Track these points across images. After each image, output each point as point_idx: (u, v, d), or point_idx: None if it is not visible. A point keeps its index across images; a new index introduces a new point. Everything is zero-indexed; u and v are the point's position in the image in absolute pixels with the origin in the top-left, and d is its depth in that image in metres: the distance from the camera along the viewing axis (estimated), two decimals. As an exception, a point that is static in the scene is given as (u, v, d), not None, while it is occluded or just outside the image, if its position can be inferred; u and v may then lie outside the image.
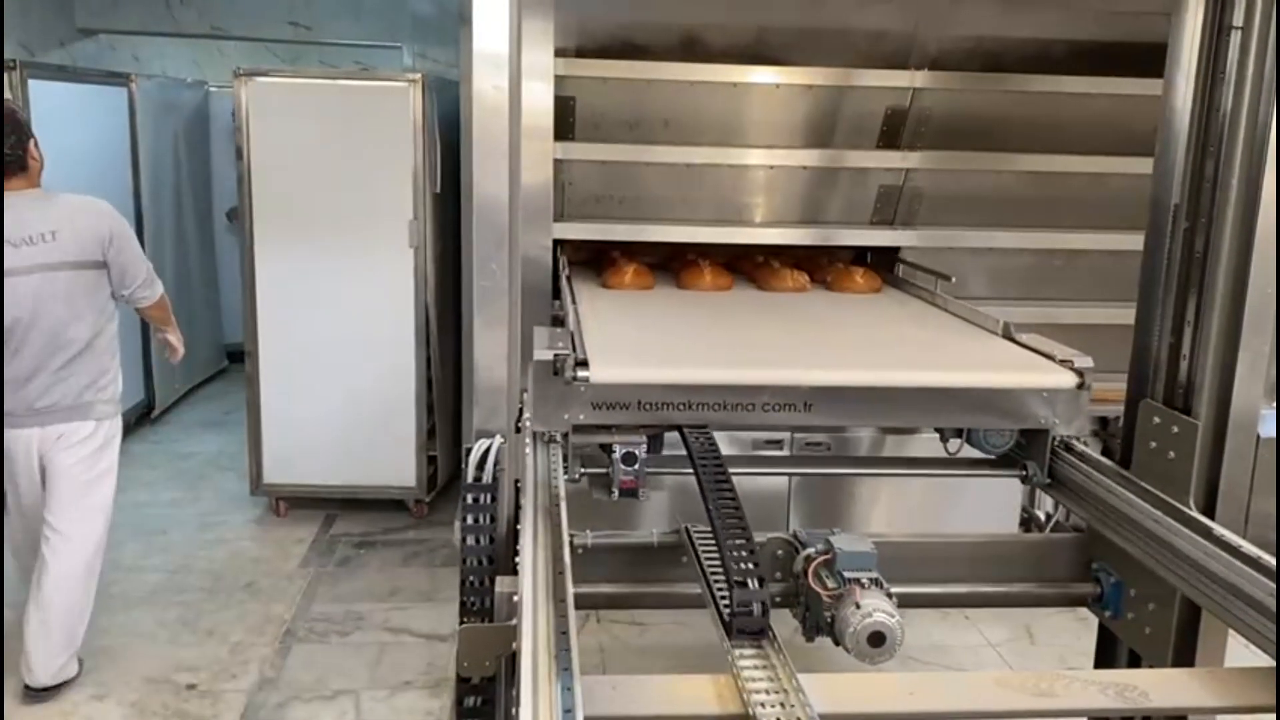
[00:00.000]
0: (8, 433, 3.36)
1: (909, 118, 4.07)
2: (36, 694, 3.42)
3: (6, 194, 3.28)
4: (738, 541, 1.88)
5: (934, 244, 4.19)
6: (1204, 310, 2.58)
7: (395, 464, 4.95)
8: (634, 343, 2.78)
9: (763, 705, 1.62)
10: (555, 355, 2.27)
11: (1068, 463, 2.52)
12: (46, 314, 3.31)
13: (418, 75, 4.65)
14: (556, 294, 3.48)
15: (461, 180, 4.64)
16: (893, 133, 4.13)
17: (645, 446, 2.35)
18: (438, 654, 3.77)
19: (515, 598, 1.85)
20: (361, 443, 4.93)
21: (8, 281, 3.24)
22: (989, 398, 2.47)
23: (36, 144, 3.39)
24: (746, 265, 3.98)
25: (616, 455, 2.31)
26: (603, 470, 2.37)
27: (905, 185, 4.18)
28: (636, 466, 2.32)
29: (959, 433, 2.54)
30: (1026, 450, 2.55)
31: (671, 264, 3.99)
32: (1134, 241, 3.63)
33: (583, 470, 2.38)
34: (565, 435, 2.32)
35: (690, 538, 2.19)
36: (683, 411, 2.33)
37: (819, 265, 4.00)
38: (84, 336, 3.38)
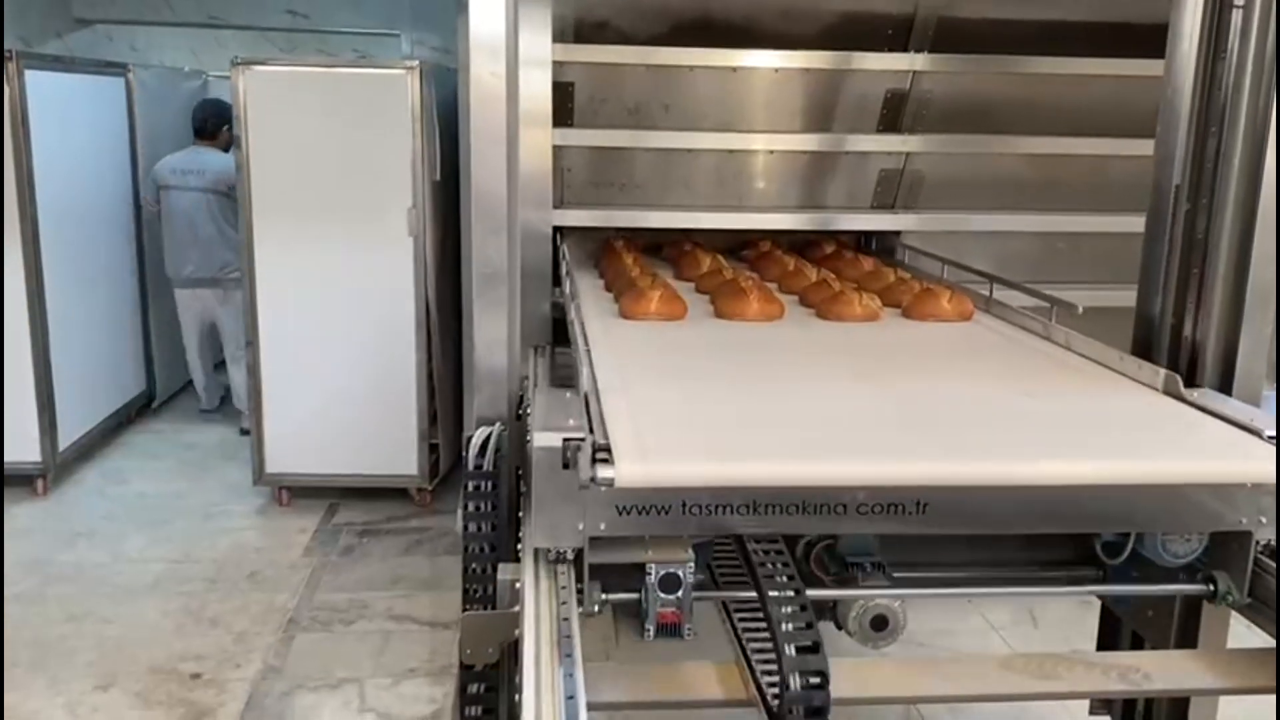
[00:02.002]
0: None
1: (909, 101, 4.04)
2: None
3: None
4: None
5: (935, 228, 4.18)
6: (1206, 291, 2.58)
7: (397, 452, 4.94)
8: (673, 414, 2.01)
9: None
10: (565, 442, 1.71)
11: (1270, 572, 1.98)
12: None
13: (416, 63, 4.62)
14: (557, 281, 3.47)
15: (461, 168, 4.62)
16: (893, 116, 4.10)
17: (692, 566, 1.78)
18: (441, 642, 3.78)
19: (517, 585, 1.85)
20: (363, 431, 4.93)
21: None
22: (1175, 495, 1.84)
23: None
24: (795, 281, 3.37)
25: (652, 578, 1.76)
26: (632, 595, 1.82)
27: (906, 169, 4.16)
28: (680, 593, 1.76)
29: (1125, 536, 2.03)
30: (1214, 557, 2.01)
31: (688, 270, 3.51)
32: (1135, 224, 3.63)
33: (604, 596, 1.83)
34: (579, 552, 1.78)
35: (730, 615, 1.97)
36: (744, 516, 1.75)
37: (883, 282, 3.33)
38: None
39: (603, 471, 1.64)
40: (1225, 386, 2.50)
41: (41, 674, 3.55)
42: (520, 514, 2.14)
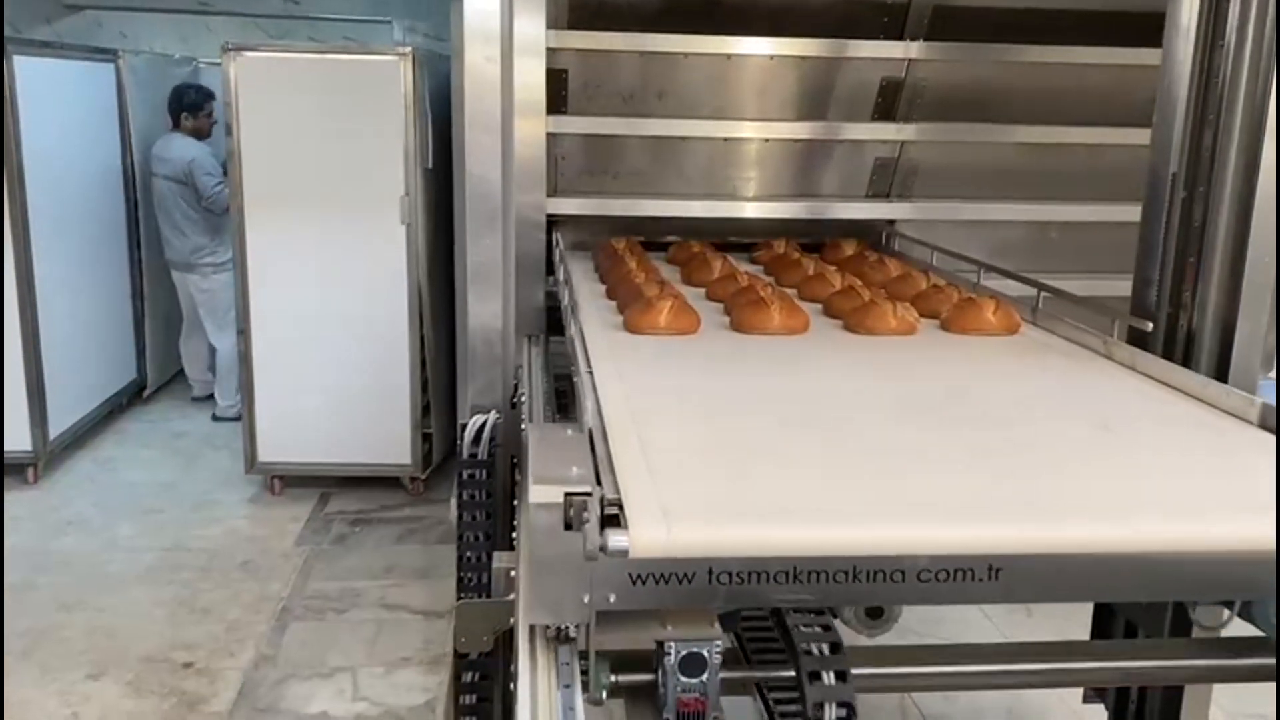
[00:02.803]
0: None
1: (904, 89, 4.02)
2: None
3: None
4: None
5: (930, 217, 4.17)
6: (1202, 280, 2.57)
7: (390, 441, 4.93)
8: (695, 458, 1.71)
9: None
10: (568, 498, 1.41)
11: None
12: None
13: (408, 49, 4.59)
14: (550, 269, 3.45)
15: (454, 156, 4.60)
16: (888, 104, 4.09)
17: (720, 644, 1.51)
18: (435, 630, 3.77)
19: (512, 573, 1.84)
20: (356, 420, 4.92)
21: None
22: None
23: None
24: (817, 287, 3.08)
25: (671, 659, 1.48)
26: (647, 677, 1.55)
27: (901, 157, 4.15)
28: (705, 676, 1.49)
29: (1230, 604, 1.83)
30: None
31: (697, 275, 3.25)
32: (1130, 213, 3.62)
33: (614, 678, 1.57)
34: (585, 628, 1.48)
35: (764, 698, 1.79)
36: (784, 586, 1.46)
37: (913, 288, 3.06)
38: None
39: (615, 539, 1.36)
40: (1221, 375, 2.50)
41: (33, 663, 3.54)
42: (515, 502, 2.13)
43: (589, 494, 1.42)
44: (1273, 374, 3.65)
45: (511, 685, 1.65)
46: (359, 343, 4.86)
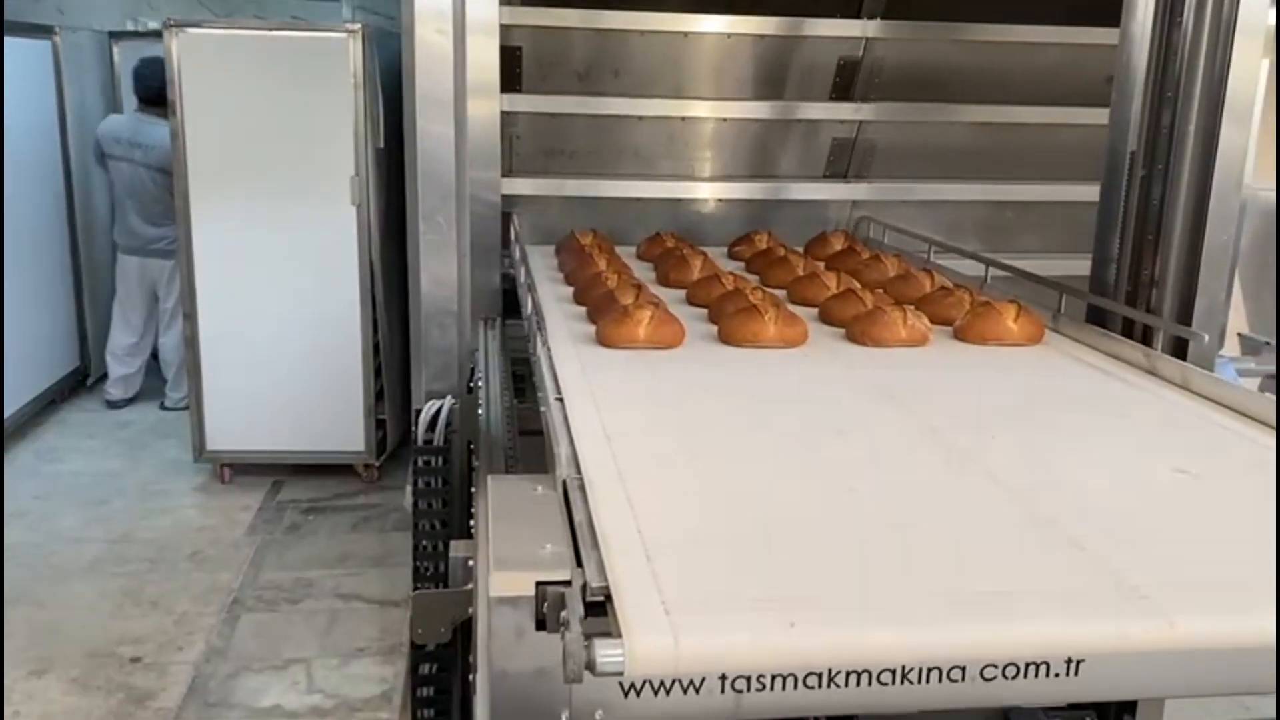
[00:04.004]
0: None
1: (862, 68, 4.00)
2: None
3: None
4: None
5: (889, 197, 4.16)
6: (1161, 258, 2.57)
7: (343, 427, 4.84)
8: (696, 523, 1.41)
9: None
10: (540, 588, 1.16)
11: None
12: None
13: (358, 26, 4.50)
14: (505, 244, 3.38)
15: (405, 135, 4.50)
16: (846, 84, 4.07)
17: None
18: (390, 620, 3.71)
19: (470, 562, 1.79)
20: (308, 406, 4.83)
21: None
22: None
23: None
24: (810, 290, 2.82)
25: None
26: None
27: (859, 137, 4.13)
28: None
29: None
30: None
31: (675, 275, 2.99)
32: (1087, 193, 3.62)
33: None
34: None
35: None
36: (812, 692, 1.18)
37: (916, 291, 2.82)
38: None
39: (606, 655, 1.02)
40: (1180, 353, 2.50)
41: (-28, 660, 3.42)
42: (473, 489, 2.07)
43: (567, 583, 1.15)
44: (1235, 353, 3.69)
45: (470, 677, 1.60)
46: (310, 327, 4.77)
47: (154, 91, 5.32)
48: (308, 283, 4.73)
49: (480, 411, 2.14)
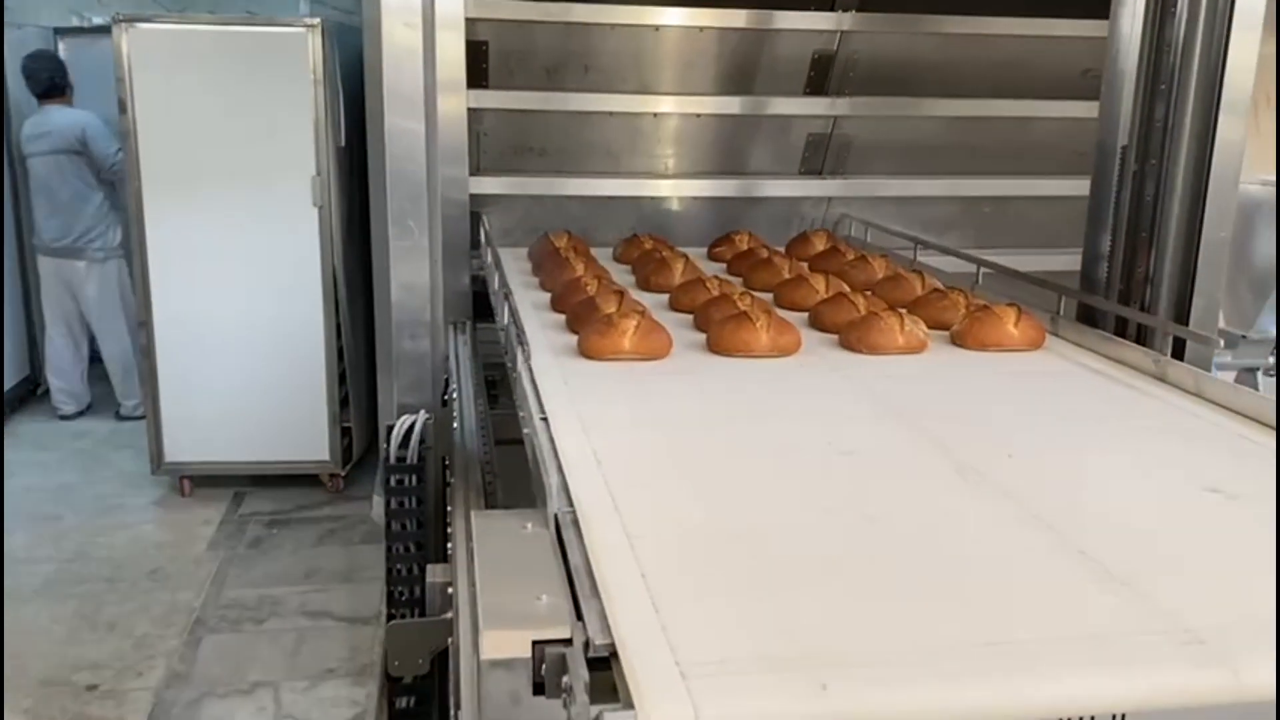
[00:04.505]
0: None
1: (836, 62, 3.93)
2: None
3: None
4: None
5: (865, 194, 4.09)
6: (1157, 255, 2.50)
7: (307, 436, 4.70)
8: (705, 568, 1.27)
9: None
10: (536, 648, 1.06)
11: None
12: None
13: (316, 21, 4.35)
14: (475, 245, 3.26)
15: (368, 133, 4.37)
16: (820, 78, 3.99)
17: None
18: (361, 638, 3.57)
19: (450, 590, 1.67)
20: (270, 415, 4.68)
21: None
22: None
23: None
24: (798, 293, 2.71)
25: None
26: None
27: (834, 133, 4.06)
28: None
29: None
30: None
31: (656, 279, 2.89)
32: (1069, 187, 3.57)
33: None
34: None
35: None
36: None
37: (907, 293, 2.72)
38: None
39: None
40: (1178, 353, 2.43)
41: (-83, 692, 3.25)
42: (449, 508, 1.95)
43: (567, 641, 1.03)
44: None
45: (454, 712, 1.50)
46: (271, 333, 4.62)
47: (45, 84, 5.28)
48: (268, 286, 4.58)
49: (455, 426, 2.02)
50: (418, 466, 2.18)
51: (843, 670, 1.02)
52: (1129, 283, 2.60)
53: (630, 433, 1.76)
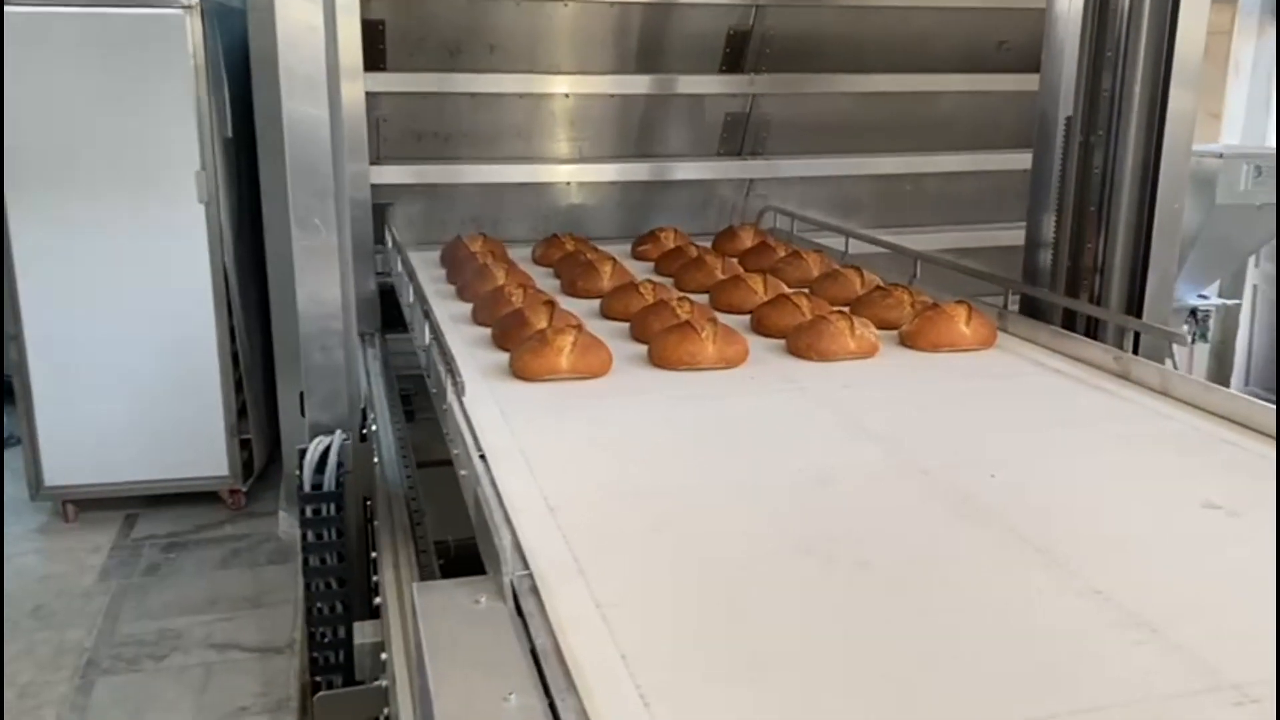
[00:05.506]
0: None
1: (752, 38, 3.81)
2: None
3: None
4: None
5: (785, 174, 4.00)
6: (1110, 228, 2.41)
7: (203, 451, 4.38)
8: (683, 639, 1.12)
9: None
10: None
11: None
12: None
13: (194, 2, 4.02)
14: (379, 240, 3.03)
15: (257, 123, 4.06)
16: (736, 55, 3.86)
17: None
18: (274, 671, 3.31)
19: (383, 655, 1.46)
20: (161, 429, 4.35)
21: None
22: None
23: None
24: (735, 295, 2.58)
25: None
26: None
27: (752, 112, 3.94)
28: None
29: None
30: None
31: (583, 283, 2.71)
32: (996, 161, 3.49)
33: None
34: None
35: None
36: None
37: (847, 291, 2.62)
38: None
39: None
40: (1136, 340, 2.35)
41: None
42: (374, 554, 1.74)
43: None
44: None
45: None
46: (158, 339, 4.29)
47: None
48: (152, 290, 4.24)
49: (376, 461, 1.82)
50: (336, 494, 1.95)
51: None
52: (1077, 269, 2.52)
53: (581, 469, 1.57)
